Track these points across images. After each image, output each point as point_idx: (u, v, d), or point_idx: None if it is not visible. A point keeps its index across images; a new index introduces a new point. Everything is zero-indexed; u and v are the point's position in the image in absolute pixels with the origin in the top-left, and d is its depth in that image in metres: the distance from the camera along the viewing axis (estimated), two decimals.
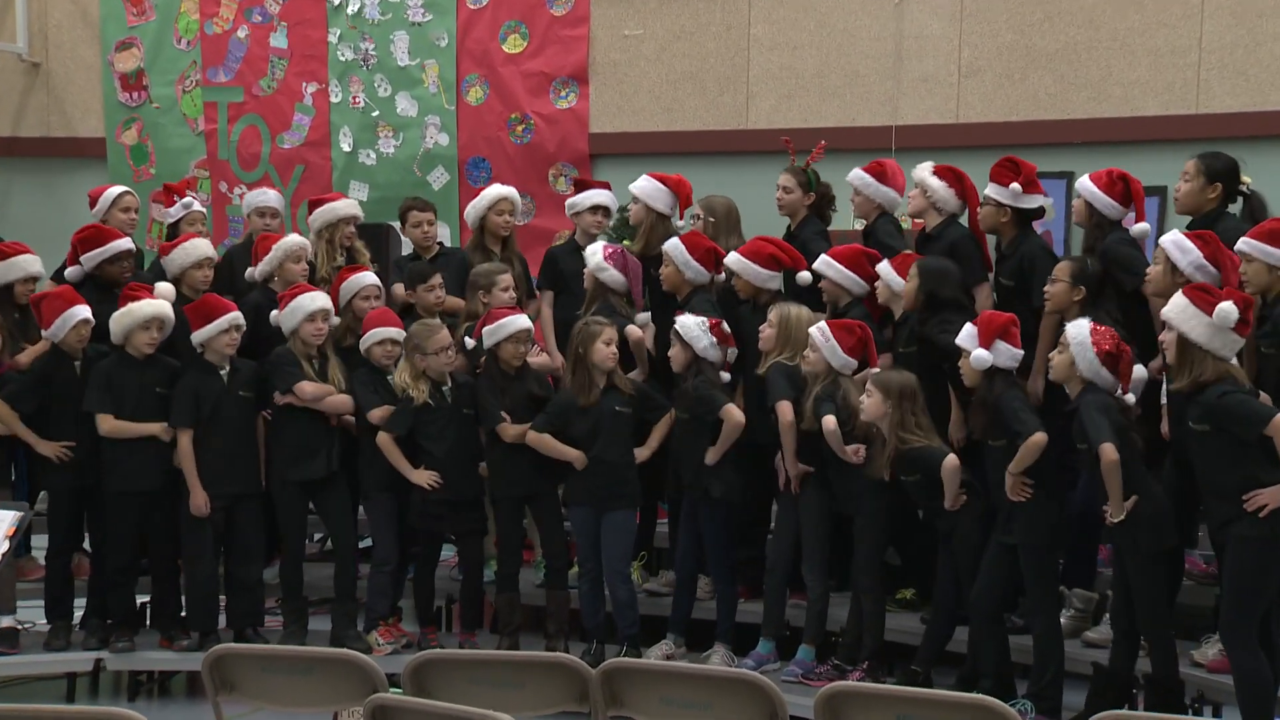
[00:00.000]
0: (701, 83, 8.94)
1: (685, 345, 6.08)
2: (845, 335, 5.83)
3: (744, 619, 6.28)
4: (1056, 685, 5.46)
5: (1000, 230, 6.10)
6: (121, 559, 6.39)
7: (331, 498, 6.42)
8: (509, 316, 6.24)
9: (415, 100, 9.36)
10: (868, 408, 5.66)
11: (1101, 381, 5.22)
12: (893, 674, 5.93)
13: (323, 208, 7.09)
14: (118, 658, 6.40)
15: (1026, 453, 5.34)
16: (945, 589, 5.77)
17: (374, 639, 6.31)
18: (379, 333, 6.34)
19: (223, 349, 6.30)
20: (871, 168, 6.52)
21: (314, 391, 6.28)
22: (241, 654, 4.66)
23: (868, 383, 5.70)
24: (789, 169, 6.68)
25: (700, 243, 6.42)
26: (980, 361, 5.42)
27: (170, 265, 6.70)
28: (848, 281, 6.14)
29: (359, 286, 6.60)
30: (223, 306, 6.32)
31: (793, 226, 6.68)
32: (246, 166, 9.62)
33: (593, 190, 7.00)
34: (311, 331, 6.30)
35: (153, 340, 6.30)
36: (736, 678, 4.27)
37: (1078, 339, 5.24)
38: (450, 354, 6.26)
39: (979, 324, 5.48)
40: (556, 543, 6.37)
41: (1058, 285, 5.69)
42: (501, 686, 4.38)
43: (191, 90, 9.73)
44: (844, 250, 6.21)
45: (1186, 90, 7.99)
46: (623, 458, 6.21)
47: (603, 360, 6.13)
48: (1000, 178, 6.05)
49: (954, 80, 8.44)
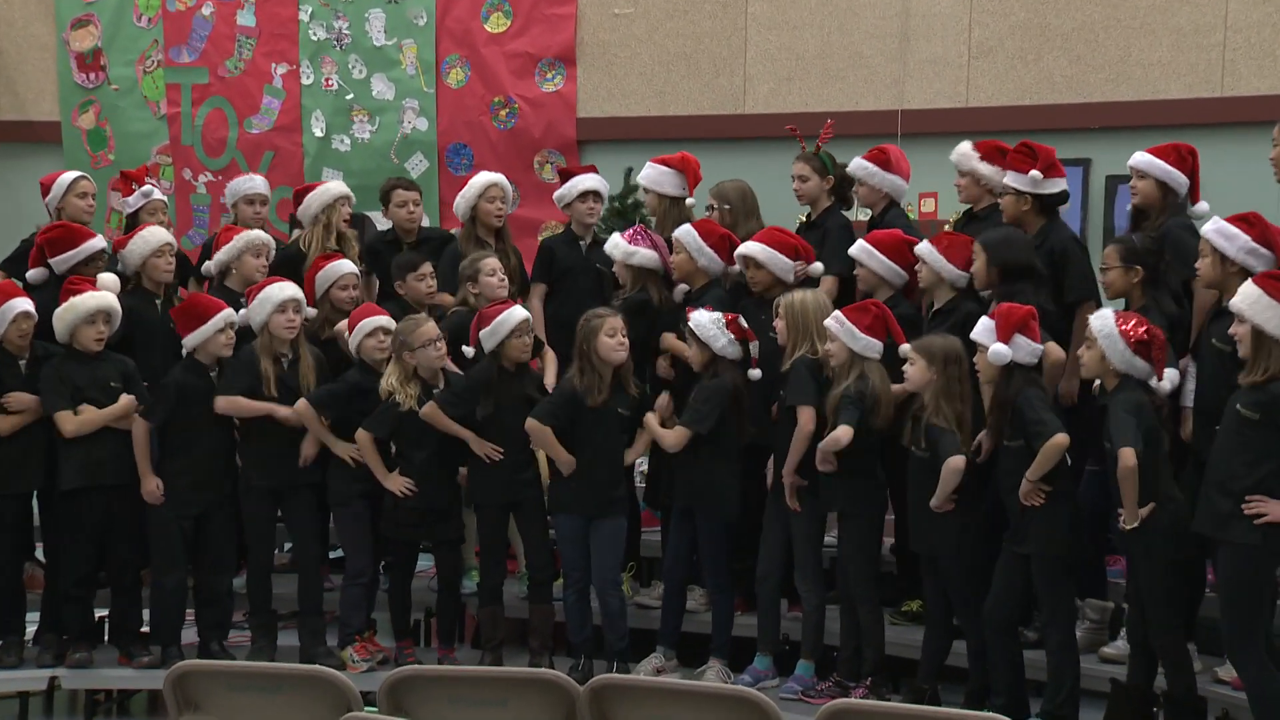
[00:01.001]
0: (696, 64, 8.94)
1: (703, 344, 6.05)
2: (860, 316, 5.78)
3: (739, 632, 6.28)
4: (1072, 703, 5.46)
5: (1024, 221, 6.07)
6: (80, 568, 6.37)
7: (299, 505, 6.41)
8: (503, 312, 6.20)
9: (392, 83, 9.35)
10: (912, 376, 5.60)
11: (1137, 371, 5.20)
12: (898, 690, 5.94)
13: (316, 190, 7.10)
14: (74, 675, 6.38)
15: (1047, 456, 5.32)
16: (934, 599, 5.78)
17: (348, 655, 6.30)
18: (370, 322, 6.28)
19: (219, 350, 6.29)
20: (874, 155, 6.51)
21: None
22: (206, 671, 4.65)
23: (910, 350, 5.63)
24: (801, 156, 6.67)
25: (714, 230, 6.40)
26: (998, 357, 5.40)
27: (129, 258, 6.67)
28: (889, 272, 6.05)
29: (336, 275, 6.60)
30: (214, 306, 6.30)
31: (813, 215, 6.67)
32: (212, 153, 9.59)
33: (580, 176, 6.99)
34: (283, 324, 6.26)
35: (100, 335, 6.28)
36: (733, 695, 4.26)
37: (1104, 330, 5.23)
38: (440, 346, 6.22)
39: (996, 317, 5.47)
40: (541, 554, 6.36)
41: (1111, 272, 5.66)
42: (483, 705, 4.38)
43: (153, 71, 9.70)
44: (885, 236, 6.13)
45: (1211, 72, 8.00)
46: (616, 463, 6.21)
47: (609, 353, 6.07)
48: (1019, 165, 6.05)
49: (963, 62, 8.45)
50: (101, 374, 6.30)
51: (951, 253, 5.95)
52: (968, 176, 6.33)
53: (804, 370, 5.91)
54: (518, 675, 4.70)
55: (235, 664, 5.65)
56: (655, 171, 6.78)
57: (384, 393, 6.20)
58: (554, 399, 6.17)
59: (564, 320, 6.48)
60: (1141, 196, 5.91)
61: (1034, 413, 5.36)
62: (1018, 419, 5.41)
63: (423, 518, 6.29)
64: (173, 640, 6.39)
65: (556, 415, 6.12)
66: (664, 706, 4.27)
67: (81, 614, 6.46)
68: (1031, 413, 5.37)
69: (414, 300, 6.64)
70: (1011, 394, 5.42)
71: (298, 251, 7.00)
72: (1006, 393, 5.43)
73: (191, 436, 6.29)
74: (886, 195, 6.49)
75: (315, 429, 6.27)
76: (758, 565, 6.16)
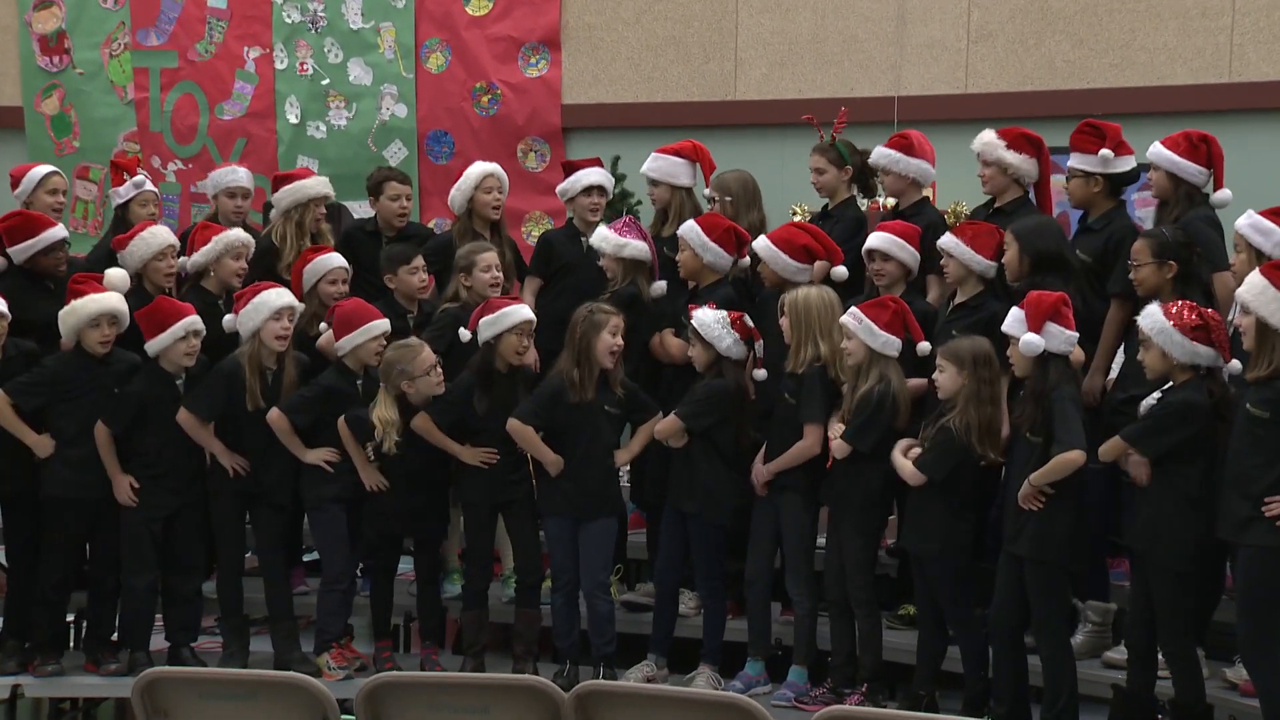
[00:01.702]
0: (685, 48, 8.93)
1: (706, 345, 6.06)
2: (879, 312, 5.78)
3: (731, 638, 6.30)
4: (1071, 711, 5.48)
5: (1093, 203, 6.08)
6: (58, 574, 6.38)
7: (264, 512, 6.43)
8: (510, 306, 6.18)
9: (370, 67, 9.34)
10: (943, 384, 5.60)
11: (1202, 359, 5.16)
12: (894, 697, 5.96)
13: (290, 186, 7.07)
14: (39, 683, 6.37)
15: (1057, 468, 5.31)
16: (926, 601, 5.81)
17: (324, 662, 6.31)
18: (372, 328, 6.21)
19: (179, 359, 6.27)
20: (897, 142, 6.48)
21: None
22: (176, 678, 4.66)
23: (937, 358, 5.63)
24: (816, 147, 6.68)
25: (718, 223, 6.39)
26: (1031, 347, 5.36)
27: (129, 259, 6.61)
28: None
29: (325, 269, 6.59)
30: (178, 311, 6.27)
31: (831, 206, 6.67)
32: (182, 140, 9.57)
33: (584, 170, 6.97)
34: (277, 331, 6.24)
35: (105, 337, 6.25)
36: (724, 702, 4.29)
37: (1156, 327, 5.19)
38: (439, 372, 6.19)
39: (1026, 306, 5.43)
40: (531, 557, 6.36)
41: (1143, 269, 5.60)
42: (465, 712, 4.40)
43: (120, 54, 9.67)
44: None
45: (1219, 56, 8.02)
46: (606, 462, 6.22)
47: (604, 354, 6.08)
48: (1085, 145, 6.04)
49: (962, 46, 8.46)
50: (105, 380, 6.28)
51: (978, 243, 5.92)
52: (993, 167, 6.26)
53: (817, 383, 5.91)
54: (501, 681, 4.73)
55: (206, 670, 5.66)
56: (666, 163, 6.76)
57: (375, 422, 6.15)
58: (536, 398, 6.17)
59: (559, 316, 6.43)
60: (1156, 189, 5.93)
61: (1063, 419, 5.32)
62: (1048, 418, 5.36)
63: (404, 515, 6.30)
64: (142, 645, 6.40)
65: (539, 414, 6.13)
66: (652, 713, 4.30)
67: (52, 619, 6.46)
68: (1061, 418, 5.32)
69: (405, 294, 6.63)
70: (1048, 387, 5.36)
71: (270, 245, 6.99)
72: (1043, 385, 5.37)
73: (160, 441, 6.30)
74: (914, 182, 6.47)
75: (286, 440, 6.25)
76: (746, 569, 6.18)
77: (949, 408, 5.60)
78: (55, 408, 6.30)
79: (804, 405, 5.93)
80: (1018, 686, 5.60)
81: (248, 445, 6.32)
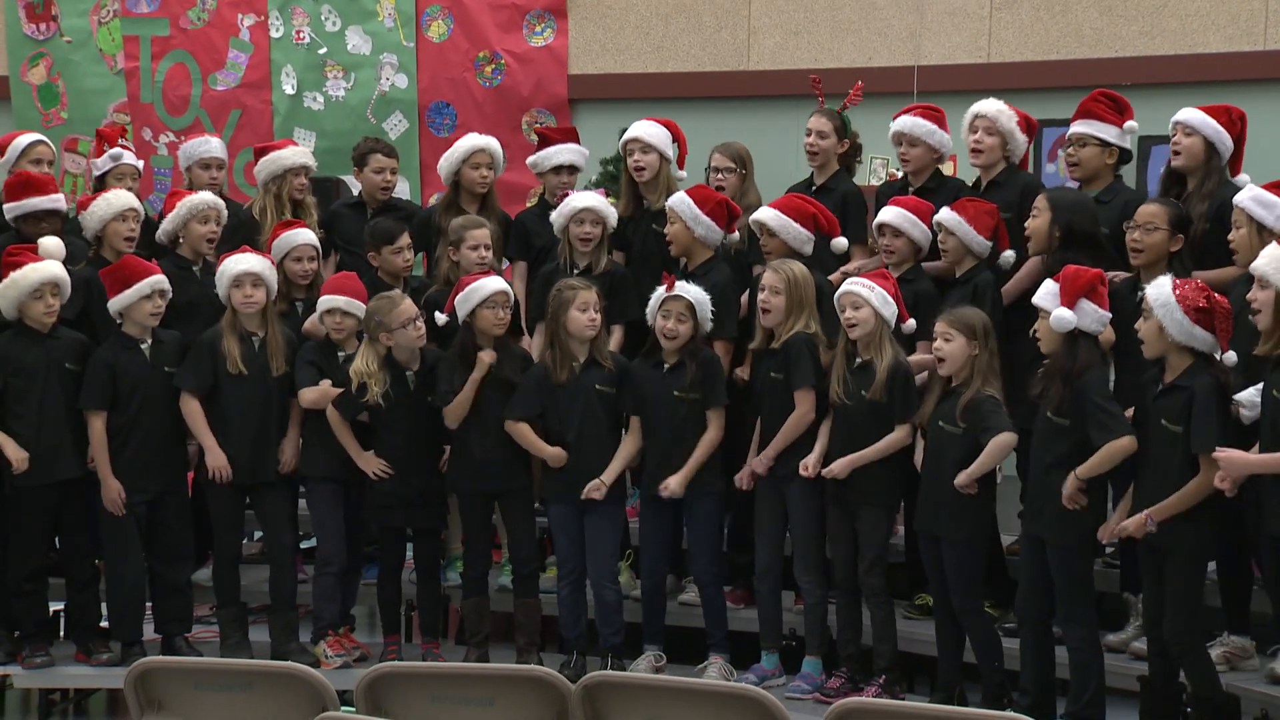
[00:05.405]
0: (696, 17, 8.92)
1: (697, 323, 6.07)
2: (884, 283, 5.84)
3: (743, 628, 6.30)
4: (1098, 704, 5.47)
5: (1100, 174, 6.12)
6: (33, 561, 6.37)
7: (270, 492, 6.42)
8: (479, 280, 6.21)
9: (369, 36, 9.33)
10: (951, 354, 5.59)
11: (1197, 343, 5.12)
12: (913, 688, 5.96)
13: (267, 157, 7.09)
14: (29, 674, 6.38)
15: (1108, 457, 5.26)
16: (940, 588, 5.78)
17: (322, 650, 6.32)
18: (325, 301, 6.32)
19: (144, 319, 6.27)
20: (925, 113, 6.47)
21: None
22: (170, 668, 4.66)
23: (940, 326, 5.63)
24: (820, 111, 6.66)
25: (710, 196, 6.39)
26: (1062, 323, 5.31)
27: (89, 220, 6.62)
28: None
29: (290, 246, 6.58)
30: (143, 269, 6.27)
31: (817, 180, 6.67)
32: (174, 111, 9.57)
33: (555, 147, 6.97)
34: (239, 299, 6.27)
35: (50, 308, 6.23)
36: (737, 693, 4.28)
37: (1161, 300, 5.14)
38: (419, 325, 6.23)
39: (1062, 280, 5.38)
40: (525, 546, 6.37)
41: (1156, 234, 5.60)
42: (468, 704, 4.39)
43: (109, 22, 9.67)
44: (910, 203, 6.13)
45: (1253, 23, 7.99)
46: (605, 444, 6.21)
47: (580, 329, 6.11)
48: (1106, 115, 6.08)
49: (985, 13, 8.44)
50: (56, 354, 6.27)
51: (978, 221, 5.96)
52: (997, 137, 6.27)
53: (805, 349, 5.94)
54: (505, 672, 4.73)
55: (201, 660, 5.66)
56: (658, 129, 6.76)
57: (354, 375, 6.21)
58: (522, 388, 6.21)
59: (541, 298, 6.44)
60: (1186, 156, 5.88)
61: (1101, 401, 5.28)
62: (1077, 400, 5.32)
63: (403, 502, 6.32)
64: (134, 636, 6.41)
65: (528, 404, 6.16)
66: (662, 705, 4.29)
67: (34, 609, 6.46)
68: (1098, 400, 5.28)
69: (389, 274, 6.64)
70: (1076, 367, 5.32)
71: (251, 219, 7.01)
72: (1070, 364, 5.33)
73: (133, 416, 6.28)
74: (937, 156, 6.48)
75: (344, 438, 6.28)
76: (755, 561, 6.19)
77: (963, 385, 5.59)
78: (7, 387, 6.24)
79: (794, 372, 5.94)
80: (1044, 676, 5.58)
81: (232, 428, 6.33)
